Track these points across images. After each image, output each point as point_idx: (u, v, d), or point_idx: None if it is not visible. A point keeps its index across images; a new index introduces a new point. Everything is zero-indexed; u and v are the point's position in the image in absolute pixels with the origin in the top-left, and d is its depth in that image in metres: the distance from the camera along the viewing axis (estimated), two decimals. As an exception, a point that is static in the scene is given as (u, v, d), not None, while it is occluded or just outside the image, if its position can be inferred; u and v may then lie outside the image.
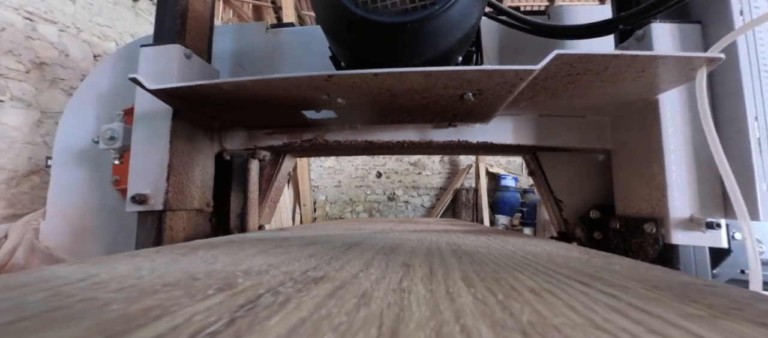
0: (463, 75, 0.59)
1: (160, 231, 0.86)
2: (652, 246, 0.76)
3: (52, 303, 0.25)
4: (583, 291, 0.31)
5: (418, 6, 0.55)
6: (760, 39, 0.74)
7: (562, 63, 0.61)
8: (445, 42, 0.60)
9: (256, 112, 0.85)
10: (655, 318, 0.23)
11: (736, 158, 0.71)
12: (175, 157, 0.87)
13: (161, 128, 0.86)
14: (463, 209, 6.05)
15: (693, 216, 0.73)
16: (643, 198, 0.79)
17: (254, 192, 1.06)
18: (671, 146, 0.74)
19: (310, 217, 5.97)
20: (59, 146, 1.16)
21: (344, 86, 0.65)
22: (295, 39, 1.12)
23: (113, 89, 1.15)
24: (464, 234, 0.92)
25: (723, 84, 0.75)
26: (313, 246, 0.61)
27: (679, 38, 0.77)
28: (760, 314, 0.25)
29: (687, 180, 0.74)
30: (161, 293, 0.28)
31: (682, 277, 0.40)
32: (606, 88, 0.73)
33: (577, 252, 0.59)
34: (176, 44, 0.88)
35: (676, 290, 0.32)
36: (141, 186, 0.85)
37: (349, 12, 0.56)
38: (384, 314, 0.23)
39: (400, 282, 0.34)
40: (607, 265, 0.47)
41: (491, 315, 0.24)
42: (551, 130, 0.94)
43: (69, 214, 1.13)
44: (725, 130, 0.73)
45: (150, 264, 0.42)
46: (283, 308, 0.24)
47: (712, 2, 0.76)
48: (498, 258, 0.51)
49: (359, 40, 0.60)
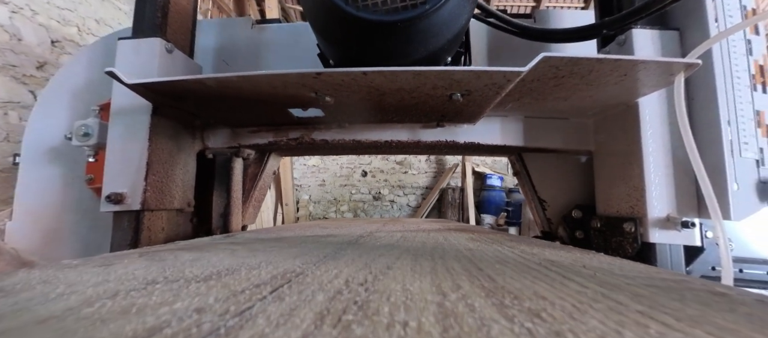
0: (452, 75, 0.60)
1: (137, 232, 0.84)
2: (630, 244, 0.80)
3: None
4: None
5: (408, 5, 0.56)
6: (733, 47, 0.78)
7: (548, 65, 0.63)
8: (435, 42, 0.61)
9: (241, 109, 0.84)
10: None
11: (710, 160, 0.75)
12: (154, 154, 0.85)
13: (139, 124, 0.84)
14: (449, 208, 6.12)
15: (669, 215, 0.76)
16: (623, 198, 0.83)
17: (238, 192, 1.05)
18: (650, 148, 0.78)
19: (292, 217, 5.91)
20: (28, 142, 1.11)
21: (333, 84, 0.65)
22: (280, 36, 1.11)
23: (89, 84, 1.11)
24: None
25: (699, 89, 0.79)
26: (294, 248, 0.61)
27: (658, 43, 0.81)
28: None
29: (664, 181, 0.77)
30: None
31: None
32: (589, 90, 0.75)
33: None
34: (157, 38, 0.86)
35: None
36: (117, 185, 0.82)
37: (339, 9, 0.56)
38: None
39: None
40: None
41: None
42: (536, 132, 0.97)
43: (38, 214, 1.08)
44: (700, 133, 0.77)
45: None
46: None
47: (690, 10, 0.80)
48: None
49: (349, 37, 0.60)
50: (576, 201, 0.99)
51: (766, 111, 0.78)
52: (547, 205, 1.02)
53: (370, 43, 0.59)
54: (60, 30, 2.99)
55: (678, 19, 0.82)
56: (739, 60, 0.78)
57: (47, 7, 2.86)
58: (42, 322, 0.24)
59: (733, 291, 0.36)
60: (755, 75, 0.78)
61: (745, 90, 0.77)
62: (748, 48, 0.79)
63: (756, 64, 0.79)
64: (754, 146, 0.76)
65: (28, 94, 2.74)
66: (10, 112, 2.63)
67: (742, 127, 0.76)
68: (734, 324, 0.26)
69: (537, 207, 1.04)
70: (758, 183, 0.75)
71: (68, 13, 3.08)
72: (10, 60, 2.59)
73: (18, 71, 2.65)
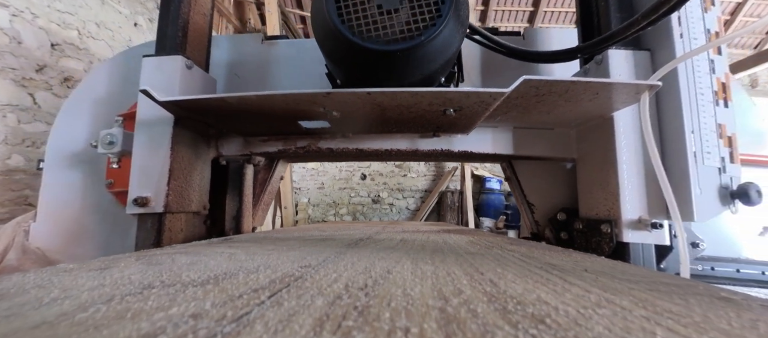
0: (445, 95, 0.71)
1: (159, 233, 0.93)
2: (607, 244, 0.90)
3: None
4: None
5: (406, 36, 0.66)
6: (698, 66, 0.88)
7: (529, 86, 0.73)
8: (430, 66, 0.71)
9: (255, 121, 0.94)
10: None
11: (677, 167, 0.85)
12: (176, 161, 0.94)
13: (163, 134, 0.93)
14: (448, 211, 6.21)
15: (641, 217, 0.86)
16: (601, 202, 0.93)
17: (249, 196, 1.15)
18: (624, 157, 0.88)
19: (291, 220, 5.98)
20: (52, 148, 1.21)
21: (340, 101, 0.75)
22: (288, 51, 1.21)
23: (109, 94, 1.21)
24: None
25: (667, 104, 0.89)
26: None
27: (632, 62, 0.91)
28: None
29: (637, 186, 0.87)
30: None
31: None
32: (568, 106, 0.85)
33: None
34: (178, 55, 0.96)
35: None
36: (142, 190, 0.92)
37: (347, 39, 0.66)
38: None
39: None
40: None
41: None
42: (524, 141, 1.07)
43: (61, 216, 1.18)
44: (668, 142, 0.87)
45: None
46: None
47: (659, 34, 0.90)
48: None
49: (355, 63, 0.70)
50: (561, 204, 1.09)
51: (727, 123, 0.88)
52: (535, 208, 1.12)
53: (373, 67, 0.69)
54: (60, 33, 3.04)
55: (649, 41, 0.92)
56: (703, 78, 0.88)
57: (48, 11, 2.93)
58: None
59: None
60: (718, 91, 0.89)
61: (708, 104, 0.87)
62: (711, 67, 0.89)
63: (718, 81, 0.89)
64: (716, 155, 0.86)
65: (27, 96, 2.79)
66: (9, 115, 2.68)
67: (705, 137, 0.86)
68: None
69: (526, 210, 1.14)
70: (720, 189, 0.85)
71: (68, 16, 3.13)
72: (9, 63, 2.64)
73: (18, 74, 2.70)
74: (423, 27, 0.66)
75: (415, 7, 0.66)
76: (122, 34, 3.93)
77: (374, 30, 0.66)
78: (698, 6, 0.91)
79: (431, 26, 0.66)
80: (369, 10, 0.67)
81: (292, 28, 6.67)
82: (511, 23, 6.55)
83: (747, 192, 0.82)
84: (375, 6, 0.67)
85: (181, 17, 0.99)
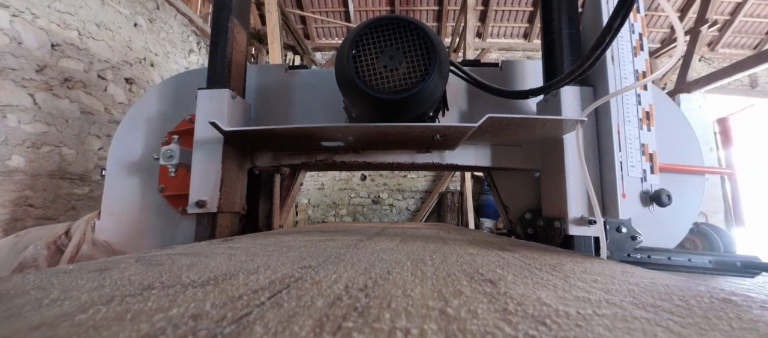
0: (431, 128, 1.04)
1: (213, 228, 1.27)
2: (558, 236, 1.23)
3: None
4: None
5: (404, 88, 0.99)
6: (626, 99, 1.21)
7: (492, 121, 1.06)
8: (422, 108, 1.04)
9: (286, 142, 1.27)
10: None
11: (609, 175, 1.18)
12: (225, 172, 1.27)
13: (216, 151, 1.26)
14: (448, 212, 6.54)
15: (582, 216, 1.19)
16: (556, 204, 1.26)
17: (277, 200, 1.48)
18: (570, 169, 1.21)
19: (291, 221, 6.31)
20: (112, 158, 1.54)
21: (355, 130, 1.08)
22: (307, 79, 1.54)
23: (159, 114, 1.54)
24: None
25: (603, 127, 1.22)
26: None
27: (579, 97, 1.24)
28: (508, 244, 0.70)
29: (579, 192, 1.20)
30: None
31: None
32: (527, 131, 1.19)
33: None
34: (225, 89, 1.29)
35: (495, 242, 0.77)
36: (201, 194, 1.25)
37: (361, 89, 0.99)
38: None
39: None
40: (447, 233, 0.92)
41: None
42: (500, 155, 1.40)
43: (123, 215, 1.51)
44: (604, 157, 1.21)
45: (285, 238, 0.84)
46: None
47: (599, 74, 1.23)
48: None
49: (367, 105, 1.03)
50: (529, 206, 1.43)
51: (649, 143, 1.21)
52: (510, 210, 1.45)
53: (381, 108, 1.02)
54: (60, 34, 3.17)
55: (592, 79, 1.26)
56: (631, 108, 1.21)
57: (48, 11, 3.04)
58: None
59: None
60: (642, 118, 1.22)
61: (634, 129, 1.20)
62: (637, 99, 1.22)
63: (643, 111, 1.22)
64: (639, 168, 1.19)
65: (27, 97, 2.91)
66: (9, 115, 2.79)
67: (630, 154, 1.19)
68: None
69: (502, 211, 1.48)
70: (641, 194, 1.18)
71: (69, 16, 3.25)
72: (9, 63, 2.73)
73: (18, 75, 2.79)
74: (415, 81, 0.99)
75: (409, 68, 0.99)
76: (122, 34, 4.11)
77: (381, 83, 1.00)
78: (630, 52, 1.24)
79: (421, 81, 0.99)
80: (377, 68, 1.00)
81: (292, 28, 6.98)
82: (510, 23, 6.88)
83: (659, 196, 1.15)
84: (381, 66, 1.00)
85: (226, 57, 1.32)
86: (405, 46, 1.01)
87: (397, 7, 6.66)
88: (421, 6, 6.80)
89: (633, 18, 1.26)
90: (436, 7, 6.83)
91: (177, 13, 5.61)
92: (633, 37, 1.25)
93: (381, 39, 1.01)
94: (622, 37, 1.24)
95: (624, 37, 1.24)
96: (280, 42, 6.21)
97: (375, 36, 1.01)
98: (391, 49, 1.00)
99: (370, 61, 1.00)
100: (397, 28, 1.01)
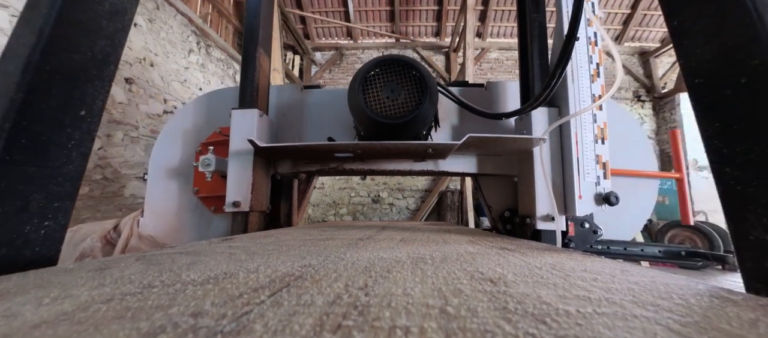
0: (425, 144, 1.38)
1: (245, 225, 1.61)
2: (529, 230, 1.57)
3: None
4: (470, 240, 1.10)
5: (401, 114, 1.33)
6: (585, 118, 1.56)
7: (472, 139, 1.40)
8: (418, 128, 1.39)
9: (305, 154, 1.61)
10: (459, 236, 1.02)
11: (569, 179, 1.52)
12: (255, 178, 1.62)
13: (247, 161, 1.61)
14: (448, 211, 6.89)
15: (548, 214, 1.54)
16: (527, 203, 1.61)
17: (295, 201, 1.82)
18: (539, 174, 1.55)
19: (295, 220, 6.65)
20: (153, 164, 1.88)
21: (364, 146, 1.43)
22: (320, 98, 1.88)
23: (194, 126, 1.88)
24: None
25: (565, 140, 1.56)
26: (349, 228, 1.38)
27: (547, 116, 1.58)
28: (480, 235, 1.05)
29: (546, 193, 1.55)
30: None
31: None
32: (503, 146, 1.53)
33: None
34: (255, 109, 1.63)
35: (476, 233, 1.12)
36: (236, 196, 1.59)
37: (369, 115, 1.34)
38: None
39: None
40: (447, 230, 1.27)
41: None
42: (485, 163, 1.75)
43: (163, 212, 1.85)
44: (566, 165, 1.55)
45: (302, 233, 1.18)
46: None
47: (562, 96, 1.57)
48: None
49: (373, 126, 1.38)
50: (509, 206, 1.77)
51: (602, 154, 1.55)
52: (493, 209, 1.80)
53: (384, 129, 1.37)
54: None
55: (557, 100, 1.60)
56: (588, 125, 1.56)
57: None
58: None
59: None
60: (597, 134, 1.56)
61: (590, 142, 1.55)
62: (594, 118, 1.57)
63: (598, 127, 1.57)
64: (593, 174, 1.53)
65: None
66: None
67: (587, 162, 1.53)
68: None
69: (487, 210, 1.82)
70: (595, 195, 1.52)
71: None
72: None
73: None
74: (411, 109, 1.33)
75: (406, 98, 1.34)
76: (122, 34, 4.56)
77: (384, 110, 1.34)
78: (588, 78, 1.59)
79: (415, 109, 1.33)
80: (381, 98, 1.34)
81: (292, 28, 7.32)
82: (510, 23, 7.21)
83: (609, 197, 1.50)
84: (385, 97, 1.34)
85: (255, 81, 1.66)
86: (403, 80, 1.35)
87: (397, 8, 6.99)
88: (421, 6, 7.13)
89: (591, 51, 1.60)
90: (436, 7, 7.16)
91: (177, 13, 5.94)
92: (591, 67, 1.60)
93: (384, 75, 1.36)
94: (581, 67, 1.58)
95: (583, 67, 1.59)
96: (280, 42, 6.55)
97: (380, 72, 1.36)
98: (393, 83, 1.35)
99: (376, 93, 1.35)
100: (397, 66, 1.35)
